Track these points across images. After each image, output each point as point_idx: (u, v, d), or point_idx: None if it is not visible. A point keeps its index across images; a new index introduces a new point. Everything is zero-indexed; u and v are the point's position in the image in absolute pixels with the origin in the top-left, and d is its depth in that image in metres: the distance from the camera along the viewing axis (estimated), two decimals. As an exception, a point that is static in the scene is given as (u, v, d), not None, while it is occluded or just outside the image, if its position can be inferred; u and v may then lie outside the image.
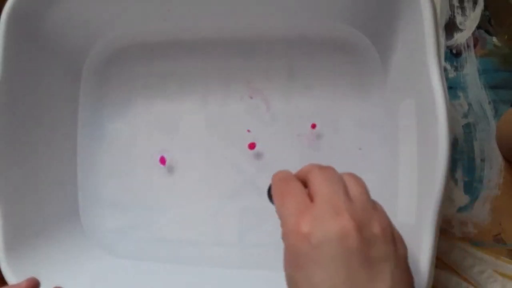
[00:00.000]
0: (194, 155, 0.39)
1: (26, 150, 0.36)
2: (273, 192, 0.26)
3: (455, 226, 0.37)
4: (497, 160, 0.37)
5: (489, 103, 0.38)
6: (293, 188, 0.25)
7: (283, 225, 0.24)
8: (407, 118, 0.31)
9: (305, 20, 0.37)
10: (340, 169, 0.37)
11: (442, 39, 0.39)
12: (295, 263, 0.23)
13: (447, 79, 0.38)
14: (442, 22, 0.39)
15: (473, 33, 0.39)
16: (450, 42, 0.39)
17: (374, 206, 0.24)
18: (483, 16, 0.38)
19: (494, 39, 0.38)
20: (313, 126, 0.37)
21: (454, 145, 0.38)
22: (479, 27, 0.39)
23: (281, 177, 0.27)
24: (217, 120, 0.39)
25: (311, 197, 0.24)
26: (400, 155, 0.33)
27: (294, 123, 0.38)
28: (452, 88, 0.38)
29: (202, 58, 0.39)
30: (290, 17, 0.37)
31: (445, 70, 0.38)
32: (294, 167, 0.38)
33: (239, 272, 0.37)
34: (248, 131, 0.38)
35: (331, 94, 0.38)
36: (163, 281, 0.37)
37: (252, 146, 0.38)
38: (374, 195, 0.36)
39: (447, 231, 0.37)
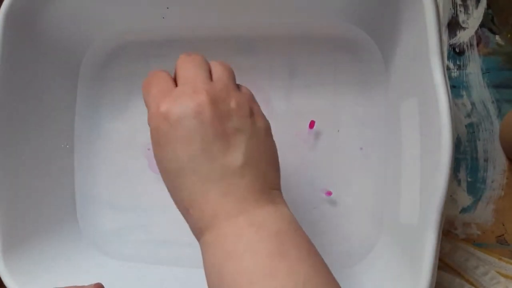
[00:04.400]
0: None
1: (22, 150, 0.36)
2: (142, 86, 0.27)
3: (458, 227, 0.37)
4: (500, 160, 0.37)
5: (493, 102, 0.37)
6: (159, 77, 0.26)
7: (148, 111, 0.26)
8: (410, 117, 0.31)
9: (306, 17, 0.37)
10: (341, 169, 0.37)
11: (445, 38, 0.38)
12: (159, 143, 0.24)
13: (450, 78, 0.38)
14: (444, 21, 0.38)
15: (476, 32, 0.38)
16: (453, 41, 0.38)
17: (238, 88, 0.26)
18: (486, 14, 0.38)
19: (497, 37, 0.38)
20: (311, 125, 0.37)
21: (457, 145, 0.37)
22: (482, 25, 0.38)
23: (151, 72, 0.28)
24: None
25: (177, 84, 0.26)
26: (402, 155, 0.32)
27: (294, 121, 0.38)
28: (455, 87, 0.38)
29: (201, 56, 0.39)
30: (292, 15, 0.36)
31: (448, 69, 0.38)
32: (293, 166, 0.38)
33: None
34: None
35: (333, 93, 0.37)
36: (161, 283, 0.36)
37: None
38: (375, 196, 0.36)
39: (450, 232, 0.37)
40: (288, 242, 0.23)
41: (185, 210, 0.25)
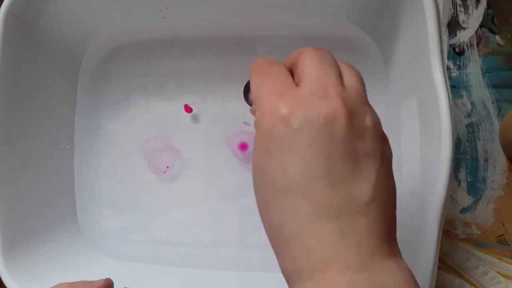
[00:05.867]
0: (193, 155, 0.39)
1: (22, 150, 0.35)
2: (251, 73, 0.22)
3: (458, 227, 0.37)
4: (500, 160, 0.37)
5: (493, 102, 0.37)
6: (276, 70, 0.21)
7: (258, 108, 0.20)
8: (410, 117, 0.31)
9: (307, 17, 0.37)
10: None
11: (445, 38, 0.38)
12: (267, 149, 0.19)
13: (450, 78, 0.38)
14: (444, 21, 0.38)
15: (476, 32, 0.38)
16: (453, 41, 0.38)
17: (368, 102, 0.21)
18: (486, 14, 0.38)
19: (497, 37, 0.38)
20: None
21: (457, 145, 0.37)
22: (482, 25, 0.38)
23: (264, 60, 0.23)
24: (216, 119, 0.39)
25: (297, 82, 0.21)
26: (402, 155, 0.32)
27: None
28: (455, 87, 0.38)
29: (201, 56, 0.39)
30: (292, 15, 0.36)
31: (448, 69, 0.38)
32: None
33: (237, 274, 0.37)
34: (245, 123, 0.38)
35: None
36: (161, 283, 0.36)
37: (243, 147, 0.38)
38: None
39: (450, 232, 0.37)
40: None
41: (282, 241, 0.20)
